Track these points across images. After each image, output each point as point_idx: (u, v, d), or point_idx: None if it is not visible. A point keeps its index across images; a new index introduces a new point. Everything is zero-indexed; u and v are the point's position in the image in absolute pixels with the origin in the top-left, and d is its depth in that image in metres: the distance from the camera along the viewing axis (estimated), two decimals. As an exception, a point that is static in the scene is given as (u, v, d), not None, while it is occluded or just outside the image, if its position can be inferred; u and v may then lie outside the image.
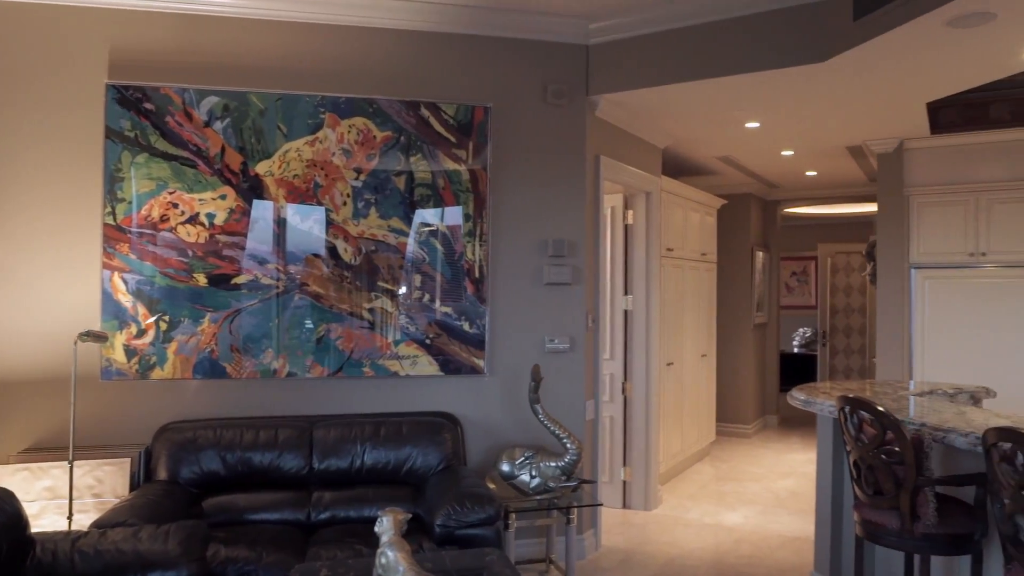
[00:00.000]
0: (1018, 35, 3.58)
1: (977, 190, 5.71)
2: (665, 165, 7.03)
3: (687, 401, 6.76)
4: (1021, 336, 5.56)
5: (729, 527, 5.34)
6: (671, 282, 6.29)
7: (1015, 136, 5.58)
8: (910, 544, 2.91)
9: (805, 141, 6.06)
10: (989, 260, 5.67)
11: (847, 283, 11.10)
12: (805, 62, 4.01)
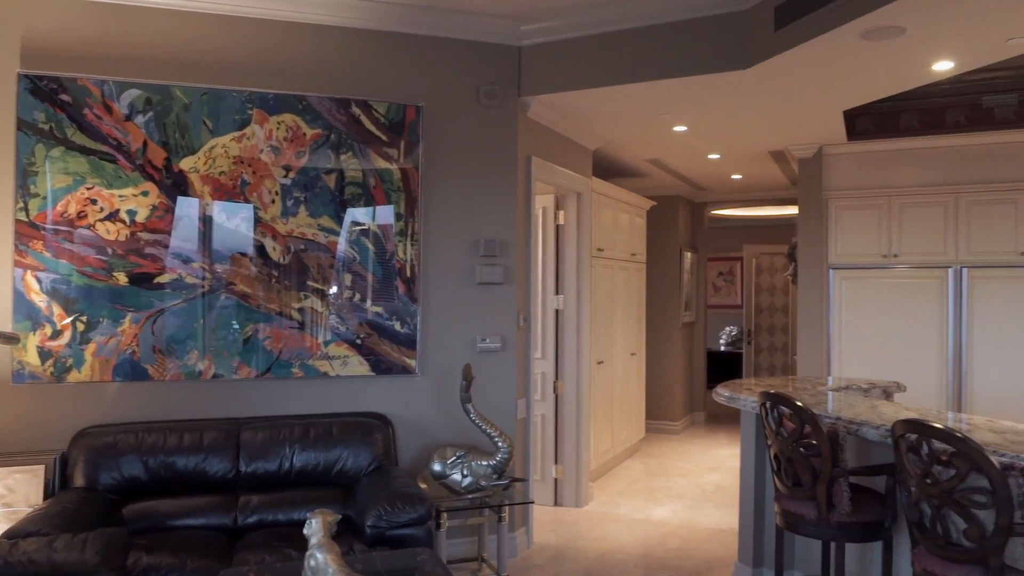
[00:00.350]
0: (925, 48, 3.77)
1: (890, 195, 5.99)
2: (596, 166, 7.13)
3: (617, 399, 6.87)
4: (929, 333, 5.86)
5: (658, 521, 5.46)
6: (601, 282, 6.39)
7: (924, 144, 5.87)
8: (827, 532, 3.04)
9: (731, 145, 6.24)
10: (901, 261, 5.95)
11: (771, 283, 11.46)
12: (730, 69, 4.14)
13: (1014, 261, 5.65)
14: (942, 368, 5.82)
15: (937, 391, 5.84)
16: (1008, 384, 5.65)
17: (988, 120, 5.67)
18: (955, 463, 2.25)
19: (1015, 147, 5.66)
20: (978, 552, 2.26)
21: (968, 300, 5.75)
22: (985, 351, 5.71)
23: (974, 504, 2.24)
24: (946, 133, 5.78)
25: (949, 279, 5.81)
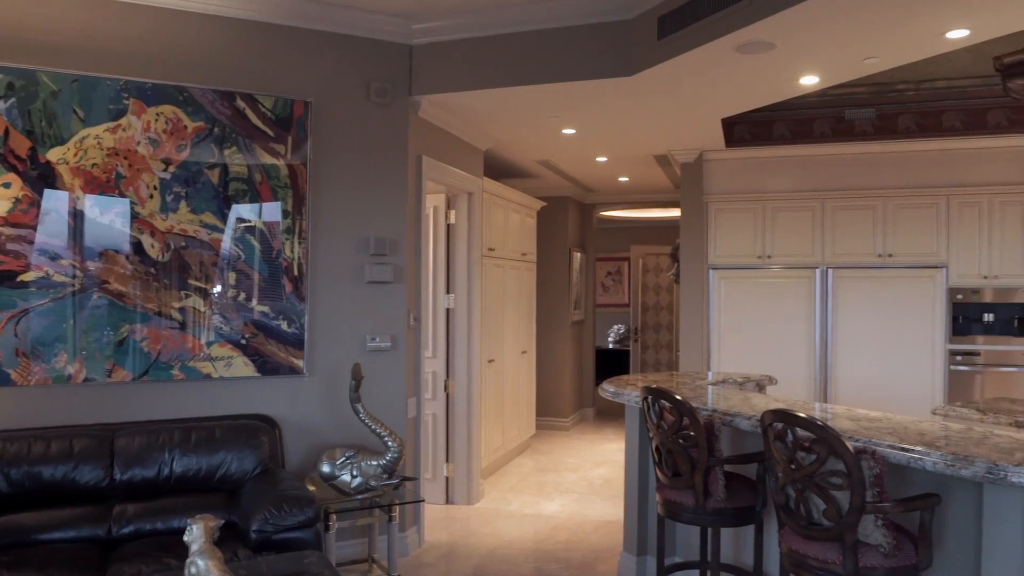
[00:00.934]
0: (794, 64, 4.03)
1: (764, 199, 6.35)
2: (487, 167, 7.20)
3: (508, 397, 6.96)
4: (799, 329, 6.25)
5: (547, 516, 5.57)
6: (492, 281, 6.46)
7: (794, 152, 6.26)
8: (704, 519, 3.20)
9: (617, 149, 6.44)
10: (774, 262, 6.32)
11: (656, 283, 11.89)
12: (615, 75, 4.28)
13: (872, 262, 6.11)
14: (810, 361, 6.23)
15: (806, 382, 6.24)
16: (867, 374, 6.11)
17: (849, 132, 6.11)
18: (816, 449, 2.43)
19: (873, 157, 6.12)
20: (836, 530, 2.44)
21: (833, 298, 6.18)
22: (848, 345, 6.15)
23: (832, 486, 2.42)
24: (813, 143, 6.18)
25: (816, 279, 6.22)
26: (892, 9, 3.28)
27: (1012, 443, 2.52)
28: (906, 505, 2.43)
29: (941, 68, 5.50)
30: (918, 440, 2.59)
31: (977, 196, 5.92)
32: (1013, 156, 5.86)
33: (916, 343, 6.04)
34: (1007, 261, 5.87)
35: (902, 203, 6.06)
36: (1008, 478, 2.24)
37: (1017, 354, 5.89)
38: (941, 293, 5.98)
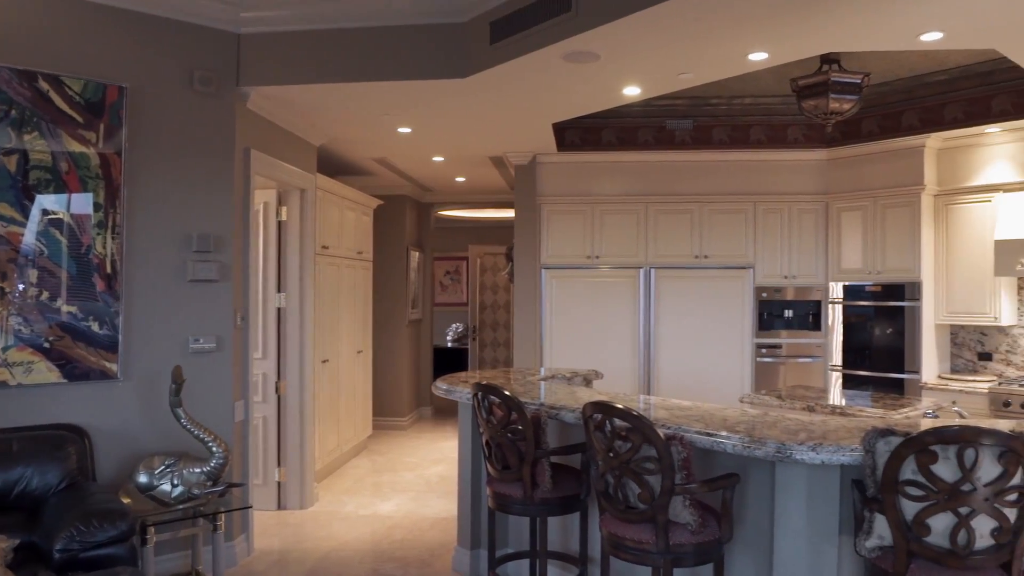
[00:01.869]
0: (617, 74, 4.26)
1: (593, 202, 6.65)
2: (322, 163, 7.04)
3: (343, 397, 6.85)
4: (625, 326, 6.60)
5: (384, 516, 5.54)
6: (327, 280, 6.33)
7: (621, 158, 6.61)
8: (532, 509, 3.32)
9: (453, 149, 6.51)
10: (602, 262, 6.64)
11: (494, 282, 12.13)
12: (448, 76, 4.33)
13: (690, 263, 6.57)
14: (635, 355, 6.60)
15: (632, 375, 6.60)
16: (686, 367, 6.56)
17: (670, 141, 6.53)
18: (631, 437, 2.60)
19: (691, 165, 6.58)
20: (649, 511, 2.62)
21: (655, 297, 6.58)
22: (668, 340, 6.58)
23: (646, 471, 2.60)
24: (638, 150, 6.55)
25: (640, 278, 6.60)
26: (700, 31, 3.55)
27: (798, 425, 2.82)
28: (710, 485, 2.65)
29: (749, 86, 6.00)
30: (721, 425, 2.83)
31: (779, 204, 6.52)
32: (809, 168, 6.51)
33: (728, 337, 6.56)
34: (804, 263, 6.52)
35: (716, 208, 6.56)
36: (793, 456, 2.51)
37: (812, 346, 6.55)
38: (749, 291, 6.54)
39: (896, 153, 6.03)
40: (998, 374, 5.92)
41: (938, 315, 5.98)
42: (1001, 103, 5.40)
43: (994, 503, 2.18)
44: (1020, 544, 2.23)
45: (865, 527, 2.44)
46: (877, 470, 2.32)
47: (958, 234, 5.89)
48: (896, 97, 5.93)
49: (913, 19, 3.42)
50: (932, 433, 2.19)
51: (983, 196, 5.75)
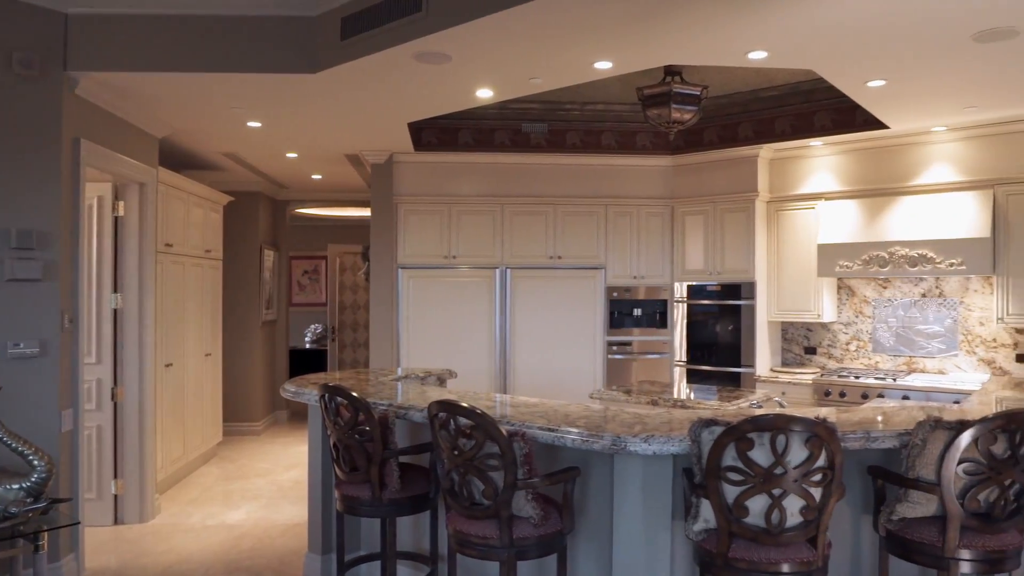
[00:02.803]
0: (469, 76, 4.30)
1: (450, 202, 6.68)
2: (165, 156, 6.67)
3: (190, 403, 6.52)
4: (482, 326, 6.68)
5: (232, 525, 5.32)
6: (171, 279, 6.00)
7: (478, 159, 6.67)
8: (381, 510, 3.30)
9: (307, 146, 6.35)
10: (459, 262, 6.68)
11: (354, 282, 11.92)
12: (298, 71, 4.22)
13: (545, 263, 6.73)
14: (492, 355, 6.68)
15: (489, 375, 6.68)
16: (541, 365, 6.72)
17: (526, 143, 6.67)
18: (475, 435, 2.64)
19: (546, 168, 6.75)
20: (493, 507, 2.67)
21: (511, 297, 6.70)
22: (524, 339, 6.71)
23: (489, 468, 2.65)
24: (495, 151, 6.64)
25: (496, 278, 6.70)
26: (548, 38, 3.65)
27: (635, 419, 2.96)
28: (552, 479, 2.73)
29: (600, 93, 6.22)
30: (564, 421, 2.93)
31: (629, 207, 6.81)
32: (656, 174, 6.84)
33: (581, 335, 6.78)
34: (652, 264, 6.83)
35: (570, 210, 6.76)
36: (627, 447, 2.63)
37: (660, 343, 6.88)
38: (601, 291, 6.78)
39: (733, 162, 6.45)
40: (821, 366, 6.45)
41: (770, 313, 6.45)
42: (822, 119, 5.89)
43: (802, 484, 2.39)
44: (824, 520, 2.45)
45: (692, 512, 2.60)
46: (702, 458, 2.48)
47: (787, 238, 6.37)
48: (734, 110, 6.34)
49: (740, 38, 3.67)
50: (749, 422, 2.36)
51: (808, 203, 6.26)
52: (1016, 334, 5.62)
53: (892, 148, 5.88)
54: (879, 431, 2.75)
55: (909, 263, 5.59)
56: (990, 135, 5.47)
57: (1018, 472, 2.55)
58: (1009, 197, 5.40)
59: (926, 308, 5.99)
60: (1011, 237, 5.39)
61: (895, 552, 2.75)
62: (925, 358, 5.99)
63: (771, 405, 4.24)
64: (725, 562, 2.48)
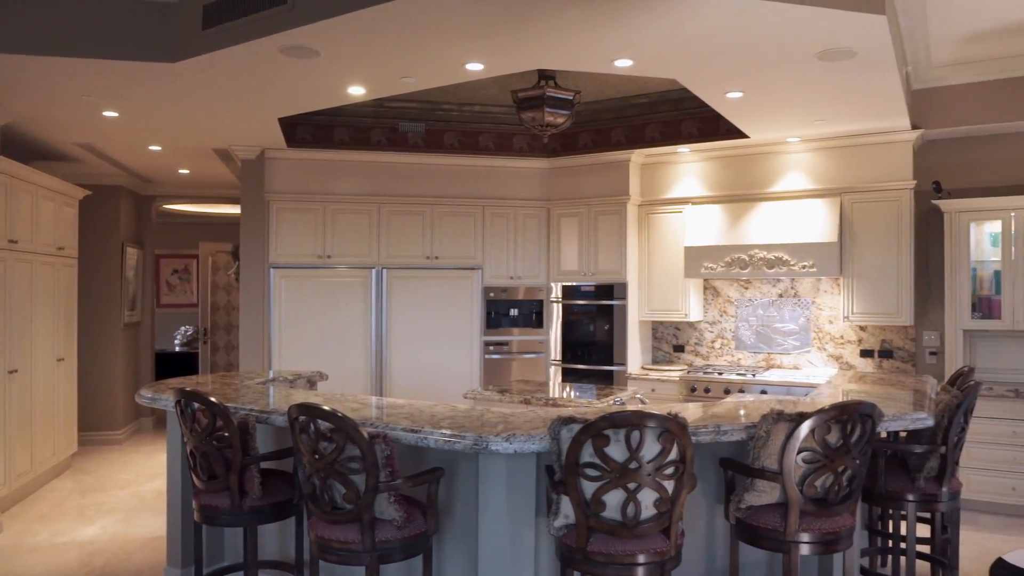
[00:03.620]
0: (339, 73, 4.22)
1: (326, 200, 6.53)
2: (10, 145, 6.18)
3: (38, 412, 6.06)
4: (358, 327, 6.57)
5: (85, 541, 4.99)
6: (17, 279, 5.57)
7: (353, 157, 6.56)
8: (241, 519, 3.18)
9: (171, 138, 6.05)
10: (335, 262, 6.55)
11: (228, 281, 11.44)
12: (156, 59, 4.01)
13: (422, 263, 6.70)
14: (368, 356, 6.59)
15: (364, 376, 6.58)
16: (418, 366, 6.68)
17: (403, 142, 6.61)
18: (335, 438, 2.59)
19: (423, 168, 6.72)
20: (354, 511, 2.63)
21: (388, 297, 6.63)
22: (401, 340, 6.65)
23: (350, 471, 2.60)
24: (372, 150, 6.55)
25: (373, 279, 6.61)
26: (417, 37, 3.63)
27: (499, 418, 2.99)
28: (415, 480, 2.72)
29: (478, 95, 6.24)
30: (428, 422, 2.92)
31: (506, 208, 6.88)
32: (533, 176, 6.94)
33: (459, 336, 6.79)
34: (528, 264, 6.93)
35: (447, 211, 6.76)
36: (489, 447, 2.66)
37: (536, 343, 6.98)
38: (478, 291, 6.82)
39: (607, 166, 6.63)
40: (689, 364, 6.74)
41: (641, 312, 6.67)
42: (689, 127, 6.16)
43: (656, 477, 2.48)
44: (676, 511, 2.55)
45: (553, 508, 2.65)
46: (562, 455, 2.53)
47: (657, 240, 6.62)
48: (607, 115, 6.52)
49: (606, 46, 3.78)
50: (605, 419, 2.43)
51: (676, 207, 6.53)
52: (860, 331, 6.07)
53: (752, 156, 6.22)
54: (728, 425, 2.90)
55: (767, 265, 5.93)
56: (837, 147, 5.88)
57: (849, 459, 2.75)
58: (854, 205, 5.82)
59: (783, 307, 6.37)
60: (855, 242, 5.81)
61: (744, 539, 2.91)
62: (782, 354, 6.36)
63: (634, 402, 4.39)
64: (584, 556, 2.55)
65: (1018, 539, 4.83)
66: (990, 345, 5.71)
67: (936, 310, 5.82)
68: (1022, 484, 5.19)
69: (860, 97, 4.67)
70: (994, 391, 5.29)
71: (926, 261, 5.87)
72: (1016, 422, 5.21)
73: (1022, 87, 5.43)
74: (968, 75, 5.54)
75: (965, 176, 5.81)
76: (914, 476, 3.45)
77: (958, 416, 3.38)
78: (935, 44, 5.02)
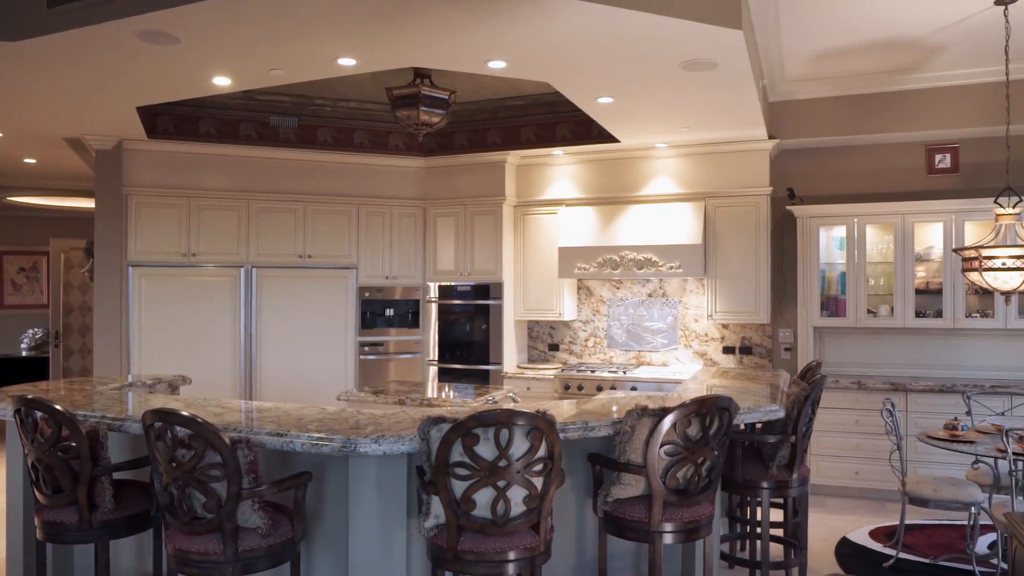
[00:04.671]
0: (202, 61, 4.02)
1: (191, 196, 6.21)
2: None
3: None
4: (226, 328, 6.29)
5: (-91, 567, 4.52)
6: None
7: (222, 151, 6.28)
8: (91, 535, 2.97)
9: (14, 125, 5.58)
10: (201, 260, 6.24)
11: (83, 280, 10.69)
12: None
13: (294, 263, 6.50)
14: (237, 359, 6.32)
15: (233, 381, 6.31)
16: (291, 368, 6.47)
17: (274, 137, 6.39)
18: (194, 444, 2.46)
19: (295, 164, 6.52)
20: (216, 521, 2.51)
21: (257, 297, 6.38)
22: (273, 341, 6.42)
23: (211, 478, 2.48)
24: (241, 144, 6.29)
25: (242, 278, 6.35)
26: (284, 29, 3.52)
27: (369, 420, 2.94)
28: (281, 486, 2.63)
29: (353, 90, 6.12)
30: (295, 425, 2.83)
31: (381, 207, 6.78)
32: (409, 174, 6.88)
33: (333, 337, 6.63)
34: (404, 264, 6.87)
35: (321, 209, 6.59)
36: (358, 449, 2.61)
37: (412, 343, 6.92)
38: (352, 291, 6.69)
39: (483, 166, 6.67)
40: (563, 362, 6.88)
41: (517, 312, 6.75)
42: (563, 130, 6.29)
43: (525, 474, 2.51)
44: (545, 507, 2.59)
45: (424, 509, 2.63)
46: (431, 455, 2.52)
47: (532, 241, 6.71)
48: (484, 116, 6.55)
49: (479, 47, 3.80)
50: (474, 418, 2.44)
51: (550, 209, 6.65)
52: (723, 329, 6.39)
53: (623, 160, 6.43)
54: (596, 421, 2.97)
55: (637, 266, 6.14)
56: (702, 153, 6.17)
57: (708, 451, 2.88)
58: (717, 209, 6.13)
59: (652, 307, 6.61)
60: (718, 244, 6.12)
61: (611, 531, 3.00)
62: (651, 352, 6.61)
63: (506, 401, 4.44)
64: (455, 555, 2.55)
65: (861, 518, 5.23)
66: (837, 341, 6.16)
67: (790, 309, 6.21)
68: (865, 468, 5.62)
69: (721, 106, 4.92)
70: (840, 383, 5.71)
71: (782, 263, 6.26)
72: (859, 411, 5.64)
73: (864, 104, 5.89)
74: (818, 90, 5.96)
75: (816, 184, 6.23)
76: (768, 464, 3.67)
77: (806, 407, 3.62)
78: (789, 60, 5.36)
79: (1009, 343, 5.74)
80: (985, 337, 5.79)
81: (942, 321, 5.69)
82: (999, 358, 5.76)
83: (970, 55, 5.21)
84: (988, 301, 5.61)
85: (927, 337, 5.94)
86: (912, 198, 5.88)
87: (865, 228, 5.85)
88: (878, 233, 5.94)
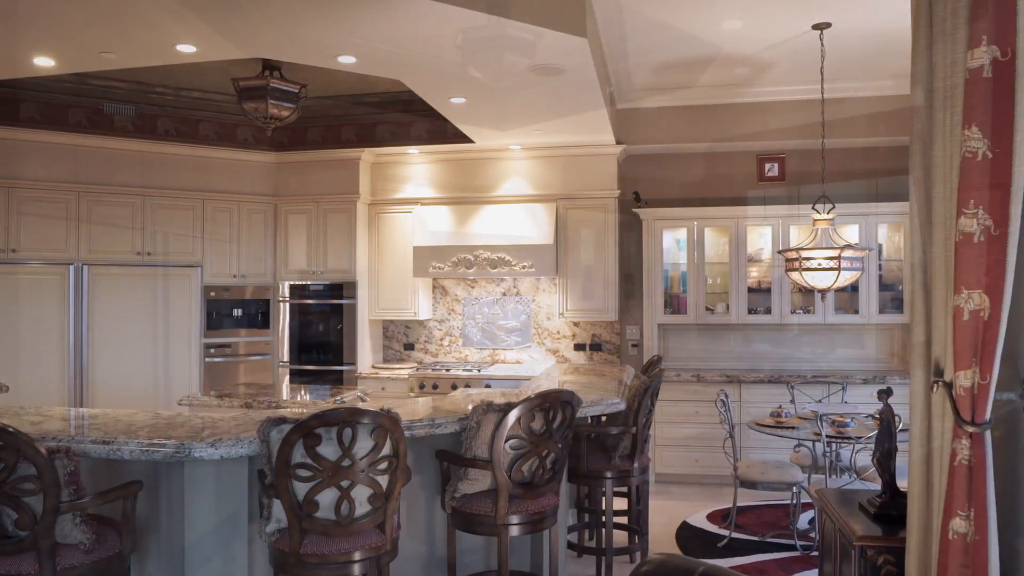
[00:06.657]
0: (21, 39, 3.70)
1: (8, 186, 5.69)
2: None
3: None
4: (52, 331, 5.81)
5: None
6: None
7: (48, 139, 5.79)
8: None
9: None
10: (22, 257, 5.73)
11: None
12: None
13: (133, 260, 6.10)
14: (64, 364, 5.85)
15: (60, 387, 5.83)
16: (130, 371, 6.06)
17: (109, 125, 5.97)
18: (4, 456, 2.27)
19: (133, 155, 6.11)
20: (30, 539, 2.32)
21: (89, 297, 5.94)
22: (108, 344, 5.99)
23: (24, 492, 2.30)
24: (70, 131, 5.83)
25: (71, 276, 5.88)
26: (114, 8, 3.30)
27: (205, 423, 2.82)
28: (106, 497, 2.47)
29: (197, 79, 5.82)
30: (124, 431, 2.67)
31: (229, 202, 6.50)
32: (259, 169, 6.63)
33: (176, 338, 6.27)
34: (254, 262, 6.61)
35: (162, 203, 6.22)
36: (193, 454, 2.49)
37: (263, 344, 6.68)
38: (197, 291, 6.36)
39: (337, 163, 6.54)
40: (419, 361, 6.87)
41: (372, 311, 6.67)
42: (418, 129, 6.28)
43: (369, 473, 2.49)
44: (391, 505, 2.59)
45: (265, 513, 2.55)
46: (272, 457, 2.45)
47: (387, 240, 6.66)
48: (338, 111, 6.43)
49: (328, 41, 3.73)
50: (316, 418, 2.40)
51: (406, 208, 6.62)
52: (574, 327, 6.60)
53: (478, 161, 6.50)
54: (442, 418, 3.00)
55: (491, 265, 6.23)
56: (554, 156, 6.35)
57: (552, 444, 2.97)
58: (568, 210, 6.32)
59: (506, 305, 6.73)
60: (568, 244, 6.32)
61: (459, 526, 3.03)
62: (506, 350, 6.72)
63: (355, 401, 4.38)
64: (298, 559, 2.49)
65: (700, 503, 5.57)
66: (679, 337, 6.51)
67: (637, 307, 6.51)
68: (704, 456, 5.98)
69: (570, 111, 5.09)
70: (681, 377, 6.05)
71: (629, 263, 6.54)
72: (699, 403, 5.99)
73: (703, 114, 6.27)
74: (662, 100, 6.28)
75: (660, 188, 6.57)
76: (611, 455, 3.83)
77: (646, 399, 3.81)
78: (635, 70, 5.62)
79: (827, 337, 6.29)
80: (807, 332, 6.31)
81: (771, 317, 6.16)
82: (819, 351, 6.30)
83: (794, 73, 5.67)
84: (810, 298, 6.12)
85: (759, 332, 6.40)
86: (745, 203, 6.32)
87: (704, 231, 6.23)
88: (716, 235, 6.34)
